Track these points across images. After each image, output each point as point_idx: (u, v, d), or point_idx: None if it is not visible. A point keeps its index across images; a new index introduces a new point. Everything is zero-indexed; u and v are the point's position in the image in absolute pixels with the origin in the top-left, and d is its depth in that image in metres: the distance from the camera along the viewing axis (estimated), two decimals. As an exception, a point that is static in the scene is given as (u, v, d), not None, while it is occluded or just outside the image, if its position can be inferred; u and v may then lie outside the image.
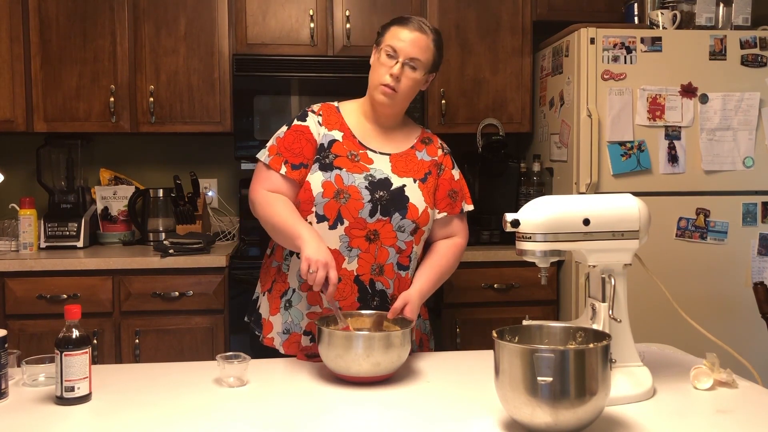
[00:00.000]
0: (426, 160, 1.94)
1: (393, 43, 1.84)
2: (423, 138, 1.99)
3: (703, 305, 2.92)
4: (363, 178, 1.83)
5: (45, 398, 1.48)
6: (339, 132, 1.90)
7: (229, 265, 2.96)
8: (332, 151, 1.86)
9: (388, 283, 1.86)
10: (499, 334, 1.32)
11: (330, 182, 1.82)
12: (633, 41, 2.94)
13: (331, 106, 1.96)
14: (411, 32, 1.85)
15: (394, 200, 1.83)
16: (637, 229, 1.50)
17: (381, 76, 1.85)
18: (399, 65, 1.83)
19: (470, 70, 3.34)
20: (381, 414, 1.41)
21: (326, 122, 1.91)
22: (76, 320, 1.45)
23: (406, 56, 1.83)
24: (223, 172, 3.60)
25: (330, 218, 1.81)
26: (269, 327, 1.90)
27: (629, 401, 1.44)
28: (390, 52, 1.84)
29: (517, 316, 2.81)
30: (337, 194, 1.81)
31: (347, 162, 1.85)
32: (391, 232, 1.83)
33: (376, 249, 1.83)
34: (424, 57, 1.86)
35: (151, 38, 3.19)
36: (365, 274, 1.83)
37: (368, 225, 1.82)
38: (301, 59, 3.20)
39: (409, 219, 1.84)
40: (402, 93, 1.86)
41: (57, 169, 3.32)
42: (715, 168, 2.98)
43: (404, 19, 1.90)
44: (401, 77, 1.83)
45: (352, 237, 1.82)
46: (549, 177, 3.27)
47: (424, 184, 1.89)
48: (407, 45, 1.83)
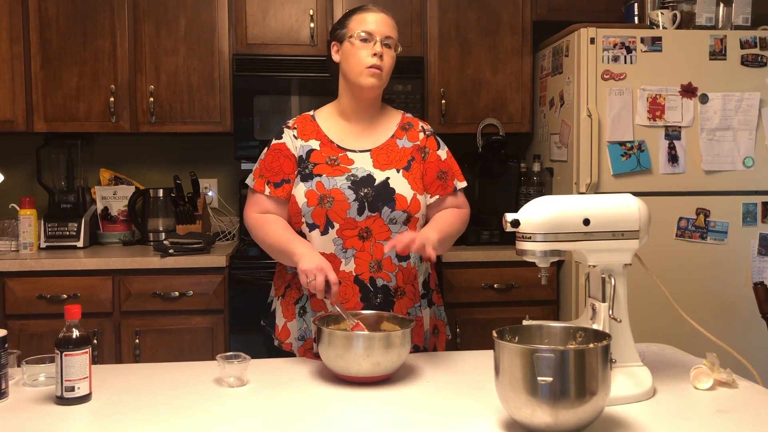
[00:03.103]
0: (407, 146, 1.94)
1: (364, 27, 1.87)
2: (403, 124, 1.98)
3: (703, 305, 2.92)
4: (345, 179, 1.84)
5: (45, 398, 1.48)
6: (316, 141, 1.91)
7: (229, 265, 2.96)
8: (311, 161, 1.88)
9: (389, 276, 1.86)
10: (499, 334, 1.32)
11: (312, 191, 1.84)
12: (633, 41, 2.94)
13: (306, 117, 1.98)
14: (376, 14, 1.89)
15: (380, 195, 1.84)
16: (637, 229, 1.50)
17: (364, 59, 1.86)
18: (379, 44, 1.86)
19: (470, 70, 3.34)
20: (381, 414, 1.41)
21: (301, 134, 1.93)
22: (76, 320, 1.45)
23: (382, 35, 1.87)
24: (223, 172, 3.60)
25: (320, 224, 1.83)
26: (286, 333, 1.92)
27: (629, 401, 1.44)
28: (364, 37, 1.86)
29: (517, 316, 2.82)
30: (321, 200, 1.83)
31: (327, 168, 1.86)
32: (383, 226, 1.84)
33: (371, 246, 1.84)
34: (395, 35, 1.91)
35: (151, 38, 3.19)
36: (364, 272, 1.84)
37: (359, 224, 1.83)
38: (301, 59, 3.20)
39: (399, 210, 1.84)
40: (386, 71, 1.89)
41: (57, 169, 3.32)
42: (715, 168, 2.98)
43: (362, 6, 1.93)
44: (384, 55, 1.86)
45: (345, 238, 1.83)
46: (549, 177, 3.27)
47: (409, 171, 1.90)
48: (379, 26, 1.87)
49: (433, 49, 3.32)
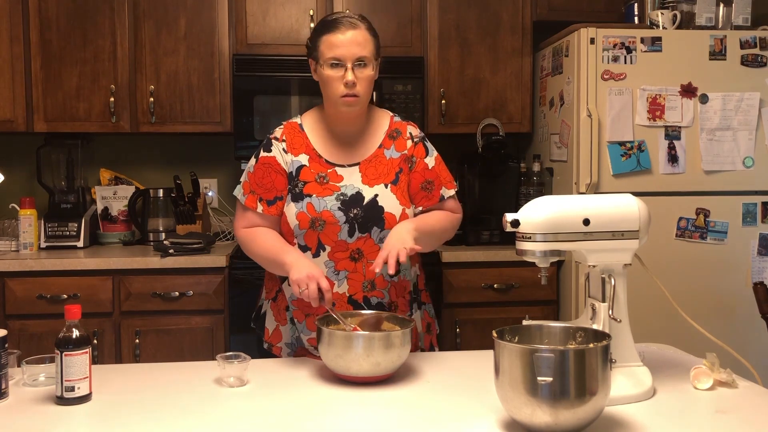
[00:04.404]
0: (395, 157, 1.88)
1: (333, 53, 1.77)
2: (391, 132, 1.91)
3: (703, 305, 2.92)
4: (335, 200, 1.81)
5: (45, 398, 1.48)
6: (305, 155, 1.87)
7: (229, 265, 2.96)
8: (301, 178, 1.84)
9: (382, 293, 1.86)
10: (499, 334, 1.32)
11: (303, 213, 1.81)
12: (633, 41, 2.94)
13: (294, 126, 1.91)
14: (344, 34, 1.77)
15: (369, 215, 1.81)
16: (637, 229, 1.50)
17: (336, 89, 1.78)
18: (350, 71, 1.76)
19: (470, 70, 3.34)
20: (381, 414, 1.41)
21: (291, 147, 1.87)
22: (76, 320, 1.45)
23: (353, 58, 1.77)
24: (223, 172, 3.60)
25: (312, 247, 1.83)
26: (277, 337, 1.91)
27: (629, 401, 1.44)
28: (334, 62, 1.77)
29: (517, 316, 2.81)
30: (312, 223, 1.81)
31: (317, 187, 1.83)
32: (373, 246, 1.82)
33: (363, 266, 1.83)
34: (368, 51, 1.79)
35: (151, 38, 3.19)
36: (357, 293, 1.84)
37: (350, 246, 1.82)
38: (301, 59, 3.17)
39: (389, 229, 1.80)
40: (363, 94, 1.80)
41: (57, 169, 3.32)
42: (715, 168, 2.98)
43: (330, 23, 1.81)
44: (356, 82, 1.77)
45: (337, 260, 1.82)
46: (549, 177, 3.27)
47: (396, 186, 1.86)
48: (348, 48, 1.76)
49: (433, 49, 3.32)
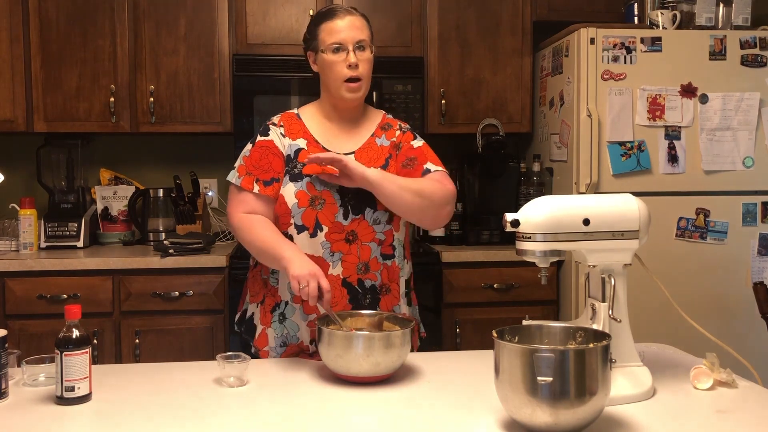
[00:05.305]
0: (385, 145, 1.94)
1: (334, 38, 1.84)
2: (383, 124, 1.98)
3: (703, 305, 2.92)
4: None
5: (45, 398, 1.48)
6: (303, 140, 1.90)
7: (229, 265, 2.96)
8: (300, 160, 1.86)
9: (375, 276, 1.87)
10: (499, 334, 1.32)
11: (303, 191, 1.83)
12: (633, 41, 2.94)
13: (291, 115, 1.96)
14: (343, 19, 1.85)
15: (362, 197, 1.84)
16: (637, 229, 1.50)
17: (340, 72, 1.84)
18: (352, 53, 1.83)
19: (470, 70, 3.34)
20: (381, 414, 1.41)
21: (289, 132, 1.91)
22: (76, 320, 1.45)
23: (353, 41, 1.84)
24: (223, 172, 3.59)
25: (309, 227, 1.82)
26: (264, 341, 1.90)
27: (629, 401, 1.44)
28: (336, 47, 1.84)
29: (517, 316, 2.80)
30: (312, 201, 1.83)
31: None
32: (367, 227, 1.85)
33: (357, 248, 1.84)
34: (366, 35, 1.87)
35: (151, 38, 3.19)
36: (351, 275, 1.84)
37: (345, 227, 1.83)
38: (301, 59, 3.14)
39: (381, 210, 1.85)
40: (365, 77, 1.87)
41: (57, 169, 3.32)
42: (715, 168, 2.98)
43: (327, 12, 1.89)
44: (359, 63, 1.84)
45: (333, 242, 1.83)
46: (549, 177, 3.27)
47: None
48: (348, 32, 1.84)
49: (433, 49, 3.32)
